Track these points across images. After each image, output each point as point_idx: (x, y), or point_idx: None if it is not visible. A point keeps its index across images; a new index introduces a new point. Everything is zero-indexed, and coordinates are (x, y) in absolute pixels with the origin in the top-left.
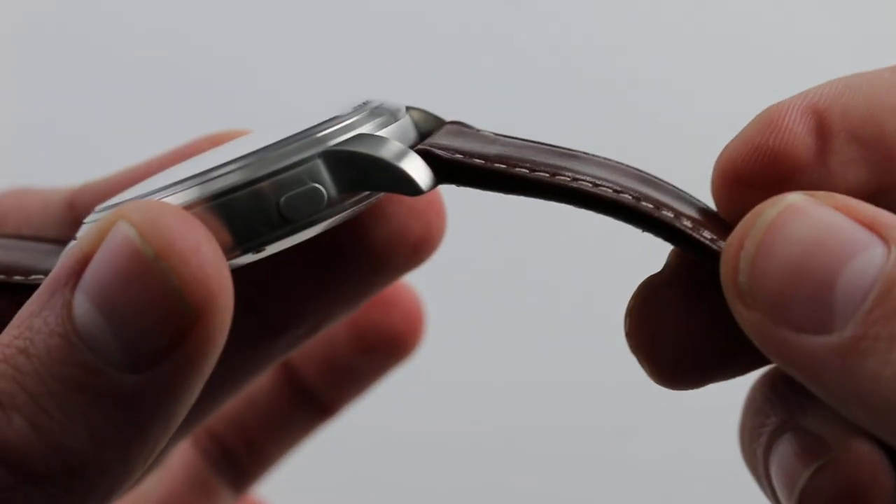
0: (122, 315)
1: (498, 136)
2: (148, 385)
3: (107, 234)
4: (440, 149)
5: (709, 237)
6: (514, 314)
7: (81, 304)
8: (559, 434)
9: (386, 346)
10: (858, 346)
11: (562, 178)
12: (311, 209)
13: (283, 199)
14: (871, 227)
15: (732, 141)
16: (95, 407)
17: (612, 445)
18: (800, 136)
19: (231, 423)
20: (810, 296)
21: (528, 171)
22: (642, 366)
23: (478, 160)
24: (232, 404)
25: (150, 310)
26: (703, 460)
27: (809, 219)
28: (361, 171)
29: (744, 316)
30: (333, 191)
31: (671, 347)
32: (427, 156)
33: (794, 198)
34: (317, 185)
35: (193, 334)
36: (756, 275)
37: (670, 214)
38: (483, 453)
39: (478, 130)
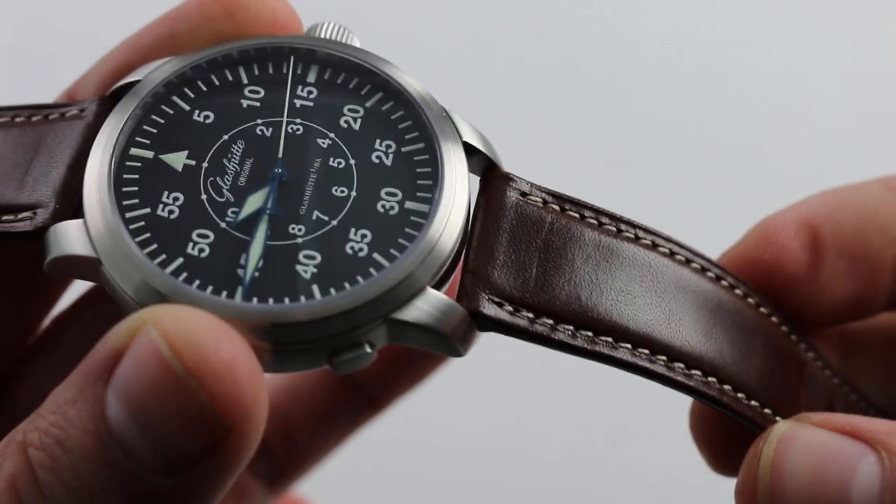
0: (153, 422)
1: (550, 209)
2: (183, 487)
3: (137, 332)
4: (488, 291)
5: (751, 413)
6: None
7: (113, 405)
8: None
9: None
10: None
11: (600, 345)
12: (360, 364)
13: (337, 359)
14: (852, 434)
15: (730, 250)
16: None
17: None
18: (794, 252)
19: (269, 414)
20: None
21: (569, 334)
22: (703, 457)
23: (521, 320)
24: (271, 394)
25: (181, 420)
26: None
27: (803, 447)
28: (416, 337)
29: None
30: (383, 344)
31: (729, 445)
32: (476, 315)
33: (780, 430)
34: (370, 350)
35: (227, 443)
36: None
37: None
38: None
39: (526, 196)
